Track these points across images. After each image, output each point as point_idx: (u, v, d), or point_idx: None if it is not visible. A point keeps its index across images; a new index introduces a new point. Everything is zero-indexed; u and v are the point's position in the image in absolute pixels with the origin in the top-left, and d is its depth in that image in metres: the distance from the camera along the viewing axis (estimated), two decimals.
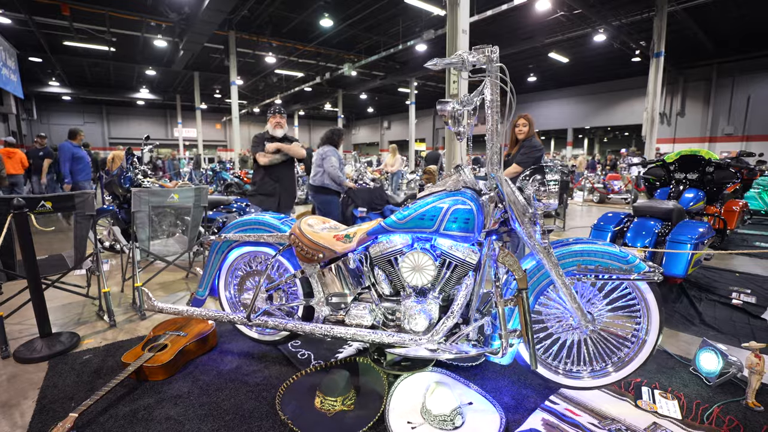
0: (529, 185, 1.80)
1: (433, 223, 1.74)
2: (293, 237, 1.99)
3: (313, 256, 1.95)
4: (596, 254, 1.76)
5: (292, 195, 3.73)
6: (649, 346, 1.80)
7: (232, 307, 2.41)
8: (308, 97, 25.17)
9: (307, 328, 1.96)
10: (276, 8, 11.95)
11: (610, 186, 10.06)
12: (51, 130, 23.94)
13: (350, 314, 1.96)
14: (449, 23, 6.01)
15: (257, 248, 2.25)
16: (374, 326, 1.93)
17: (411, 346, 1.77)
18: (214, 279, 2.35)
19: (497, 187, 1.73)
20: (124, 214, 4.13)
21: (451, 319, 1.73)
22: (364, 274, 2.00)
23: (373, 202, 4.39)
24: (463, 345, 1.77)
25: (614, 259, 1.74)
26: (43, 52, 14.84)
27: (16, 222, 2.29)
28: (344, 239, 1.94)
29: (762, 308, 2.98)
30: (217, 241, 2.29)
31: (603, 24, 11.59)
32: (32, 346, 2.33)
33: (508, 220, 1.77)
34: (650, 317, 1.80)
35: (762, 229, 6.23)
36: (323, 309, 2.03)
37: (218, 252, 2.30)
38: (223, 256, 2.30)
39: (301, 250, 1.97)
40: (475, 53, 1.63)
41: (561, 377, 1.90)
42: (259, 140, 3.54)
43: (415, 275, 1.79)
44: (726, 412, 1.76)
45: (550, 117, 22.59)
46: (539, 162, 3.67)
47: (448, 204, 1.72)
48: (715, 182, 4.28)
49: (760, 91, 15.57)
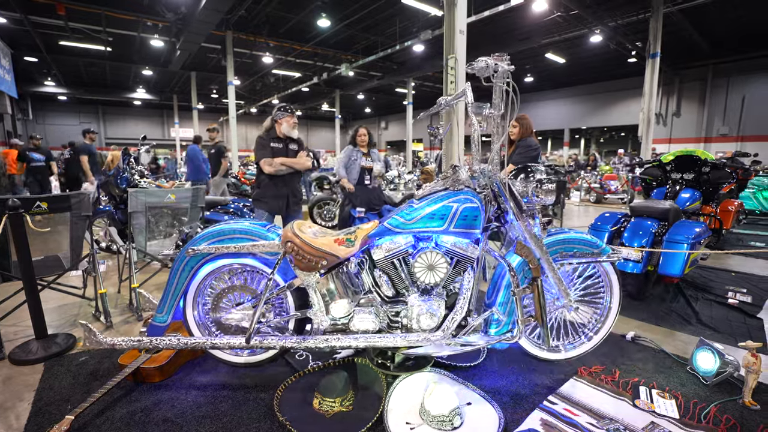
0: (525, 183, 1.95)
1: (443, 222, 1.82)
2: (290, 245, 1.82)
3: (316, 263, 1.82)
4: (574, 242, 2.05)
5: (299, 196, 3.63)
6: (613, 315, 2.21)
7: (201, 330, 2.09)
8: (305, 98, 25.14)
9: (311, 343, 1.83)
10: (273, 8, 11.92)
11: (607, 186, 10.10)
12: (47, 130, 23.78)
13: (354, 321, 1.88)
14: (446, 24, 6.01)
15: (238, 260, 2.01)
16: (380, 330, 1.89)
17: (425, 345, 1.81)
18: (179, 300, 2.01)
19: (496, 186, 1.86)
20: (120, 215, 4.10)
21: (459, 314, 1.82)
22: (364, 278, 1.93)
23: (371, 202, 4.39)
24: (472, 336, 1.87)
25: (587, 245, 2.06)
26: (38, 51, 14.73)
27: (11, 223, 2.27)
28: (346, 243, 1.85)
29: (758, 307, 3.00)
30: (184, 256, 1.96)
31: (599, 25, 11.64)
32: (28, 347, 2.31)
33: (500, 216, 1.93)
34: (612, 290, 2.20)
35: (757, 228, 6.27)
36: (323, 319, 1.89)
37: (185, 268, 1.97)
38: (192, 272, 1.98)
39: (301, 258, 1.82)
40: None
41: (545, 353, 2.15)
42: (265, 143, 3.27)
43: (429, 274, 1.84)
44: (723, 411, 1.77)
45: (547, 117, 22.67)
46: (536, 161, 3.70)
47: (459, 203, 1.83)
48: (711, 182, 4.30)
49: (755, 91, 15.68)
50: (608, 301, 2.22)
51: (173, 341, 1.91)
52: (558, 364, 2.17)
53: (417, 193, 2.01)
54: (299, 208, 3.50)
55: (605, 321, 2.22)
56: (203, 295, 2.10)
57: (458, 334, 1.85)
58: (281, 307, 2.06)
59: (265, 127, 3.34)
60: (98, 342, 1.89)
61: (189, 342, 1.91)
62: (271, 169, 3.24)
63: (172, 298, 2.00)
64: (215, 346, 1.90)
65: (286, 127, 3.29)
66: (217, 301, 2.05)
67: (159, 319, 2.01)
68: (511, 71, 1.81)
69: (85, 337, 1.91)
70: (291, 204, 3.42)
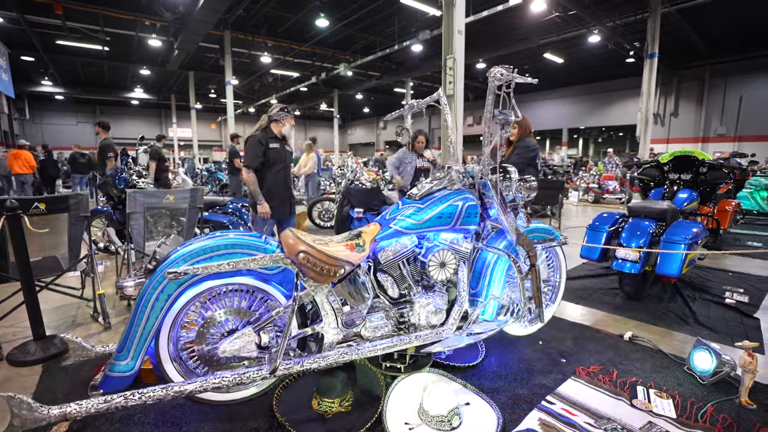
0: (510, 181, 2.11)
1: (450, 221, 1.92)
2: (303, 255, 1.62)
3: (334, 272, 1.67)
4: (537, 231, 2.34)
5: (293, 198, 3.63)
6: (561, 289, 2.62)
7: (183, 372, 1.72)
8: (304, 97, 25.12)
9: (333, 359, 1.69)
10: (272, 8, 11.91)
11: (605, 186, 10.12)
12: (44, 130, 23.72)
13: (366, 327, 1.82)
14: (445, 24, 6.02)
15: (231, 279, 1.70)
16: (392, 333, 1.89)
17: (443, 339, 1.88)
18: (150, 340, 1.59)
19: (482, 185, 2.04)
20: (118, 215, 4.09)
21: (463, 305, 1.93)
22: (369, 282, 1.88)
23: (370, 203, 4.39)
24: (483, 324, 2.01)
25: (545, 233, 2.38)
26: (35, 51, 14.68)
27: (9, 223, 2.27)
28: (357, 248, 1.77)
29: (755, 307, 3.01)
30: (160, 281, 1.55)
31: (597, 25, 11.67)
32: (26, 349, 2.30)
33: (482, 213, 2.09)
34: (561, 268, 2.59)
35: (754, 228, 6.30)
36: (335, 332, 1.75)
37: (160, 297, 1.57)
38: (170, 301, 1.59)
39: (319, 269, 1.65)
40: None
41: (514, 330, 2.43)
42: (255, 146, 3.12)
43: (442, 271, 1.89)
44: (720, 410, 1.78)
45: (545, 117, 22.71)
46: (534, 162, 3.72)
47: (463, 202, 1.95)
48: (709, 182, 4.32)
49: (753, 91, 15.75)
50: (557, 278, 2.61)
51: (159, 392, 1.47)
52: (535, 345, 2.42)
53: (413, 193, 2.03)
54: (295, 210, 3.55)
55: (556, 297, 2.62)
56: (177, 328, 1.71)
57: (464, 325, 1.97)
58: (277, 328, 1.79)
59: (261, 126, 3.22)
60: (36, 420, 1.35)
61: (184, 388, 1.51)
62: (245, 180, 3.17)
63: (141, 337, 1.56)
64: (222, 386, 1.55)
65: (288, 128, 3.30)
66: (203, 333, 1.71)
67: (120, 367, 1.55)
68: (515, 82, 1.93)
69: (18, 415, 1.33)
70: (292, 207, 3.47)
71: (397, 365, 2.00)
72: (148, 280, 1.57)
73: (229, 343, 1.65)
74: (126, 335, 1.57)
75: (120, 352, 1.57)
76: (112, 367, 1.56)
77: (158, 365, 1.69)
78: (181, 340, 1.72)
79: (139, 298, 1.57)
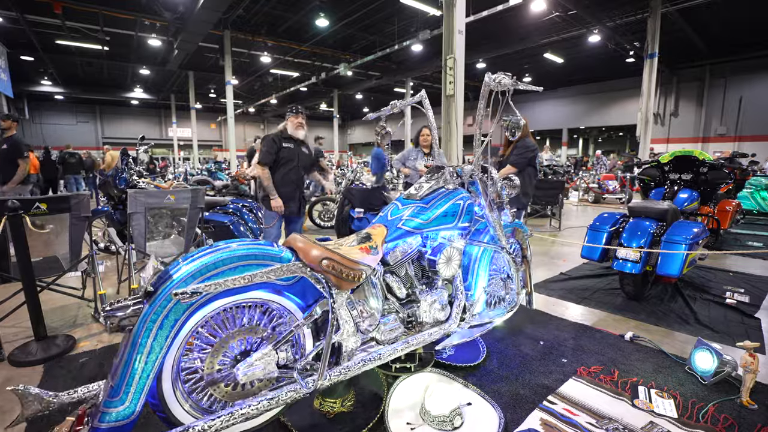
0: (494, 180, 2.20)
1: (453, 219, 2.00)
2: (328, 262, 1.52)
3: (357, 278, 1.60)
4: (510, 225, 2.48)
5: (304, 199, 3.61)
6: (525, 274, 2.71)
7: (195, 408, 1.45)
8: (304, 97, 25.10)
9: (358, 368, 1.63)
10: (271, 7, 11.90)
11: (605, 186, 10.13)
12: (43, 130, 23.69)
13: (381, 330, 1.76)
14: (445, 23, 6.02)
15: (245, 295, 1.49)
16: (403, 334, 1.87)
17: (450, 334, 1.96)
18: (152, 377, 1.28)
19: (472, 184, 2.14)
20: (119, 216, 4.09)
21: (462, 300, 2.00)
22: (381, 284, 1.85)
23: (371, 202, 4.39)
24: (475, 318, 2.07)
25: (518, 226, 2.53)
26: (34, 50, 14.67)
27: (10, 224, 2.27)
28: (372, 251, 1.71)
29: (755, 307, 3.02)
30: (164, 305, 1.28)
31: (597, 25, 11.67)
32: (27, 349, 2.31)
33: None
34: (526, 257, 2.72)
35: (755, 228, 6.31)
36: (354, 339, 1.65)
37: (165, 324, 1.29)
38: (177, 327, 1.32)
39: (344, 275, 1.56)
40: None
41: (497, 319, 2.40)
42: (269, 143, 3.21)
43: (448, 268, 1.92)
44: (721, 410, 1.79)
45: (545, 117, 22.71)
46: (533, 161, 3.72)
47: (463, 200, 2.04)
48: (709, 182, 4.32)
49: (752, 91, 15.75)
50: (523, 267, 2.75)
51: None
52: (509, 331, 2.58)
53: (411, 192, 2.04)
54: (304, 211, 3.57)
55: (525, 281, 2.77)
56: (181, 359, 1.43)
57: (466, 317, 2.03)
58: (297, 342, 1.64)
59: (279, 128, 3.39)
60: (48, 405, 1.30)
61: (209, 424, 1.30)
62: (260, 175, 3.22)
63: (143, 373, 1.26)
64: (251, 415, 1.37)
65: (291, 127, 3.29)
66: (216, 355, 1.48)
67: (116, 415, 1.22)
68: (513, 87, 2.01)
69: None
70: (301, 208, 3.49)
71: (407, 365, 2.01)
72: (149, 305, 1.28)
73: (247, 367, 1.42)
74: (122, 374, 1.25)
75: (115, 395, 1.23)
76: (103, 416, 1.21)
77: (160, 406, 1.39)
78: (184, 372, 1.46)
79: (138, 327, 1.27)
